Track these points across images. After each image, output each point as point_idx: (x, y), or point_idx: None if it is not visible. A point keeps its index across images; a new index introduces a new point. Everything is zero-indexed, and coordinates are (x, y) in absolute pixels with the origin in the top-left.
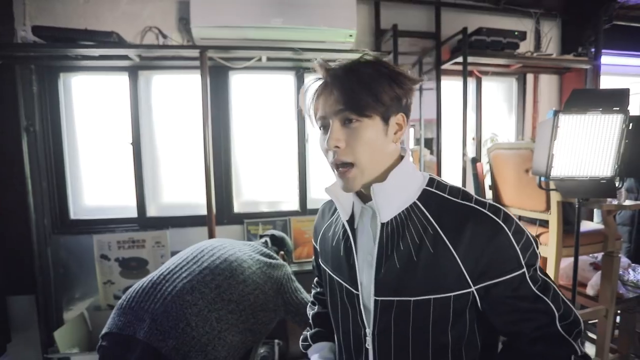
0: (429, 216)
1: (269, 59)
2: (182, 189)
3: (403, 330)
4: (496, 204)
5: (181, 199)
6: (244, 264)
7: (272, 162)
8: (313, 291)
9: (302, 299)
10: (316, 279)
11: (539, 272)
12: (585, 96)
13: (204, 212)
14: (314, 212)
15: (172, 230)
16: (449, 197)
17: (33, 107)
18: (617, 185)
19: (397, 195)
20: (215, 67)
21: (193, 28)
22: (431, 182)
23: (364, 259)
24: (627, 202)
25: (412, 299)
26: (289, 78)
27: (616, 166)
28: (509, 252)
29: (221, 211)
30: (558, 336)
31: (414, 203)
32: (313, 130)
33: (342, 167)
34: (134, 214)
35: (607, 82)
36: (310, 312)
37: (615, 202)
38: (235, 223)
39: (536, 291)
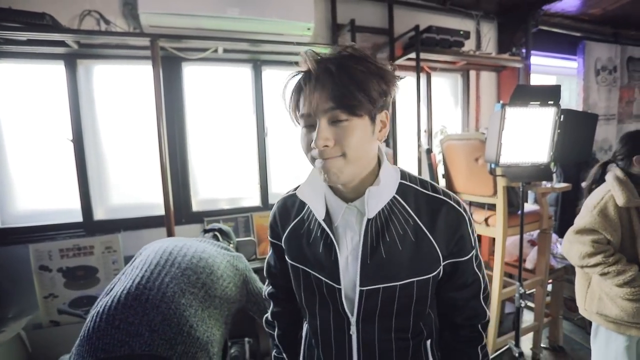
0: (408, 209)
1: (225, 51)
2: (133, 188)
3: (388, 312)
4: (455, 195)
5: (133, 199)
6: (217, 259)
7: (231, 158)
8: (271, 307)
9: (260, 288)
10: (271, 289)
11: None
12: (526, 91)
13: (159, 212)
14: None
15: (125, 234)
16: (421, 189)
17: None
18: (552, 170)
19: (383, 194)
20: (166, 58)
21: (141, 14)
22: (403, 175)
23: (348, 255)
24: (557, 185)
25: (398, 283)
26: (246, 71)
27: (551, 153)
28: (468, 236)
29: (179, 210)
30: (480, 306)
31: (394, 197)
32: (272, 124)
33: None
34: (78, 218)
35: (535, 80)
36: (273, 332)
37: (548, 184)
38: (195, 222)
39: (476, 268)
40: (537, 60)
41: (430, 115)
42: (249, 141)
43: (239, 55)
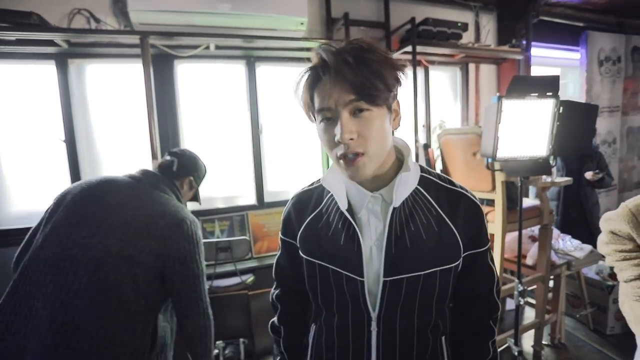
0: (430, 199)
1: (217, 47)
2: None
3: (411, 305)
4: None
5: None
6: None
7: (225, 156)
8: (278, 312)
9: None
10: (279, 292)
11: None
12: (523, 82)
13: None
14: (271, 205)
15: None
16: (440, 182)
17: None
18: (551, 163)
19: (409, 183)
20: (159, 56)
21: (131, 11)
22: (422, 169)
23: (372, 245)
24: (557, 179)
25: (422, 273)
26: (240, 67)
27: (550, 146)
28: (484, 229)
29: None
30: (494, 300)
31: (417, 188)
32: (267, 121)
33: (353, 156)
34: None
35: (537, 72)
36: (278, 338)
37: (549, 179)
38: None
39: (490, 261)
40: (539, 52)
41: (428, 110)
42: (243, 138)
43: (232, 51)
